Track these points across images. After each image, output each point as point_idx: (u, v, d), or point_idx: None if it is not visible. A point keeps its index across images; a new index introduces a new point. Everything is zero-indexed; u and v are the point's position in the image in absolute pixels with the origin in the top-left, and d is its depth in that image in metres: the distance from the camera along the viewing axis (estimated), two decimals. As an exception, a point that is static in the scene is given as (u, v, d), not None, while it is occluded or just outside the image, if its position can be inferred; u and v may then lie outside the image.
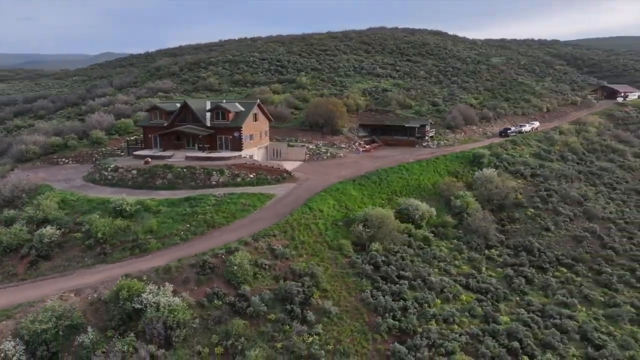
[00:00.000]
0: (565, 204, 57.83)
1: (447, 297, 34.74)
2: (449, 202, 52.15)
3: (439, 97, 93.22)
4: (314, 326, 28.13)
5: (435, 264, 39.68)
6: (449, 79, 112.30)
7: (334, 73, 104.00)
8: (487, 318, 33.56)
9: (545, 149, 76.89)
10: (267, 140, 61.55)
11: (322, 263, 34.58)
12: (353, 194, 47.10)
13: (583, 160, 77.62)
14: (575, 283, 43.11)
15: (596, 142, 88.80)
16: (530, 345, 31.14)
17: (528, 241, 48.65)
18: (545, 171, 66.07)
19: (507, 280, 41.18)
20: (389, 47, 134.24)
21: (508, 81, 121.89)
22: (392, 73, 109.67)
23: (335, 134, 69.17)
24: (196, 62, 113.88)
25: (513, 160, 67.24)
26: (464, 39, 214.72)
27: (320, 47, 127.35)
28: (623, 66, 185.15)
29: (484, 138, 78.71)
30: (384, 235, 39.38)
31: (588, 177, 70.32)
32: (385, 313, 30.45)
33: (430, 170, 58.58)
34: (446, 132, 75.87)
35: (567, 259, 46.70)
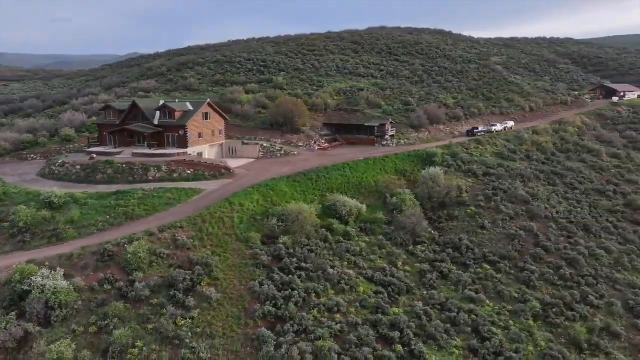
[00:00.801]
0: (511, 203, 58.27)
1: (343, 289, 36.29)
2: (387, 200, 53.43)
3: (415, 97, 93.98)
4: (191, 311, 30.19)
5: (347, 257, 41.17)
6: (433, 78, 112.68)
7: (314, 73, 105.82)
8: (378, 309, 34.97)
9: (512, 148, 76.96)
10: (222, 138, 63.94)
11: (224, 254, 36.63)
12: (284, 190, 48.96)
13: (550, 160, 77.35)
14: (494, 279, 43.96)
15: (571, 142, 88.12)
16: (408, 335, 32.45)
17: (458, 239, 49.57)
18: (500, 171, 66.44)
19: (420, 275, 42.38)
20: (378, 47, 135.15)
21: (496, 80, 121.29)
22: (375, 73, 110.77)
23: (296, 133, 71.06)
24: (184, 63, 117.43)
25: (469, 160, 67.78)
26: (468, 37, 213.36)
27: (309, 47, 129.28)
28: (630, 65, 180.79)
29: (449, 137, 79.27)
30: (298, 229, 41.14)
31: (549, 177, 70.25)
32: (267, 301, 32.28)
33: (377, 169, 59.87)
34: (409, 132, 76.79)
35: (494, 257, 47.45)
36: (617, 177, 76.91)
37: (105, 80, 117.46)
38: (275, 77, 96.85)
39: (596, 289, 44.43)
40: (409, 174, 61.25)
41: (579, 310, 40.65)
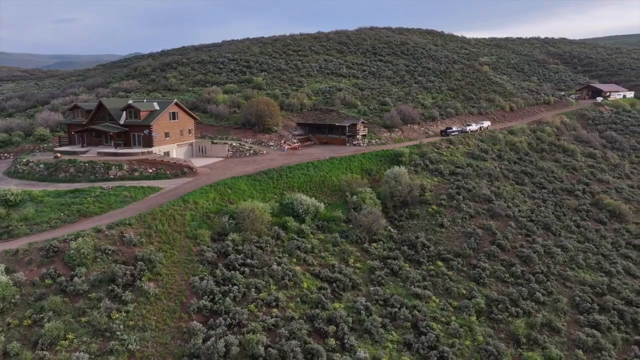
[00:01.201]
0: (474, 201, 59.15)
1: (286, 285, 37.20)
2: (347, 198, 54.32)
3: (393, 97, 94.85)
4: (127, 304, 31.13)
5: (296, 254, 42.06)
6: (415, 78, 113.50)
7: (296, 73, 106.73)
8: (318, 304, 35.89)
9: (484, 148, 77.78)
10: (191, 137, 64.92)
11: (170, 250, 37.58)
12: (242, 189, 49.89)
13: (522, 159, 78.20)
14: (444, 276, 44.84)
15: (547, 142, 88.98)
16: (343, 329, 33.36)
17: (415, 236, 50.45)
18: (468, 170, 67.27)
19: (370, 271, 43.28)
20: (364, 47, 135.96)
21: (479, 80, 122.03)
22: (357, 73, 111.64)
23: (267, 132, 72.01)
24: (168, 63, 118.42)
25: (438, 159, 68.62)
26: (460, 38, 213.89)
27: (294, 47, 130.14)
28: (619, 65, 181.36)
29: (423, 137, 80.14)
30: (248, 226, 42.08)
31: (518, 176, 71.13)
32: (204, 295, 33.24)
33: (342, 168, 60.76)
34: (382, 131, 77.67)
35: (449, 254, 48.35)
36: (588, 177, 77.84)
37: (90, 80, 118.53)
38: (255, 78, 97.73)
39: (545, 285, 45.32)
40: (374, 173, 62.15)
41: (523, 307, 41.56)
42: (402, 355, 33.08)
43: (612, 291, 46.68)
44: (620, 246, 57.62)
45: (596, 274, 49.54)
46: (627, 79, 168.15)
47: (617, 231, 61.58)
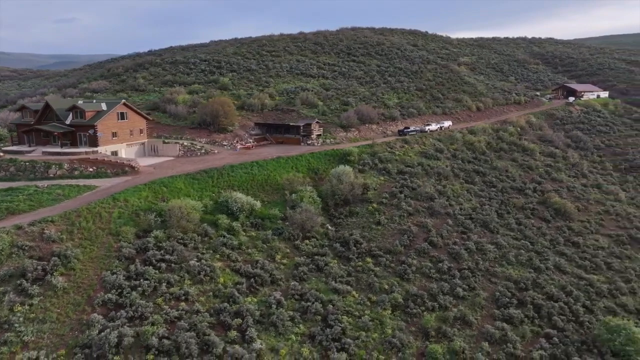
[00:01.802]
0: (416, 200, 60.49)
1: (201, 280, 38.47)
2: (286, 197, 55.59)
3: (357, 97, 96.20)
4: (33, 298, 32.38)
5: (221, 250, 43.31)
6: (385, 79, 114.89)
7: (265, 74, 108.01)
8: (230, 298, 37.15)
9: (439, 147, 79.12)
10: (143, 137, 66.15)
11: (90, 246, 38.82)
12: (179, 187, 51.16)
13: (477, 159, 79.58)
14: (369, 272, 46.12)
15: (508, 142, 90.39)
16: (248, 322, 34.61)
17: (349, 234, 51.74)
18: (417, 169, 68.58)
19: (294, 267, 44.54)
20: (339, 47, 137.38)
21: (451, 80, 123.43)
22: (327, 73, 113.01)
23: (222, 132, 73.26)
24: (141, 64, 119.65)
25: (389, 158, 69.93)
26: (444, 38, 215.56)
27: (269, 48, 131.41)
28: (599, 65, 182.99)
29: (380, 136, 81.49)
30: (174, 223, 43.35)
31: (469, 175, 72.48)
32: (112, 289, 34.50)
33: (288, 167, 62.05)
34: (338, 131, 78.99)
35: (379, 251, 49.60)
36: (542, 176, 79.28)
37: (62, 81, 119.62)
38: (221, 78, 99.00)
39: (468, 281, 46.60)
40: (320, 172, 63.45)
41: (441, 301, 42.84)
42: (303, 346, 34.32)
43: (536, 286, 47.98)
44: (559, 243, 58.98)
45: (525, 270, 50.84)
46: (605, 79, 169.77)
47: (559, 229, 62.99)
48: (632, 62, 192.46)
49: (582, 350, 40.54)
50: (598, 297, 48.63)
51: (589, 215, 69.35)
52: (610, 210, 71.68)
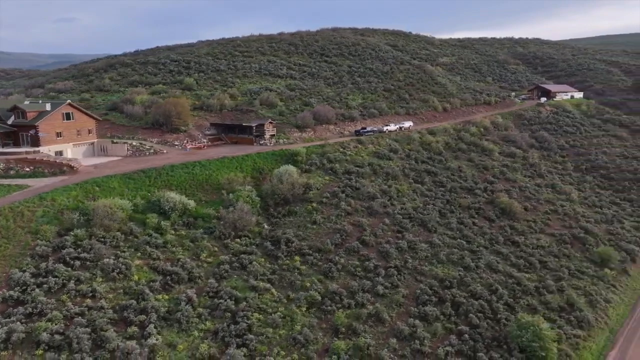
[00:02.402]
0: (358, 199, 61.37)
1: (114, 277, 39.27)
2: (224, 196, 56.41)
3: (321, 97, 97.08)
4: None
5: (143, 249, 44.10)
6: (354, 79, 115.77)
7: (232, 74, 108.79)
8: (139, 295, 37.94)
9: (394, 148, 80.00)
10: (92, 137, 66.92)
11: (6, 244, 39.58)
12: (112, 186, 51.96)
13: (432, 159, 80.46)
14: (294, 270, 46.97)
15: (468, 142, 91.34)
16: (151, 318, 35.42)
17: (282, 232, 52.57)
18: (366, 169, 69.39)
19: (216, 265, 45.33)
20: (312, 48, 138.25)
21: (421, 81, 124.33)
22: (296, 74, 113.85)
23: (175, 132, 74.07)
24: (112, 64, 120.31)
25: (339, 158, 70.75)
26: (428, 38, 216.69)
27: (242, 49, 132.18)
28: (578, 66, 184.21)
29: (336, 137, 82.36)
30: (97, 222, 44.15)
31: (419, 175, 73.38)
32: (16, 287, 35.27)
33: (232, 167, 62.86)
34: (293, 131, 79.84)
35: (309, 250, 50.43)
36: (497, 176, 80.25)
37: (31, 81, 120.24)
38: (185, 78, 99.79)
39: (392, 279, 47.43)
40: (265, 171, 64.27)
41: (358, 299, 43.68)
42: (203, 342, 35.13)
43: (461, 285, 48.87)
44: (498, 242, 59.95)
45: (454, 268, 51.70)
46: (583, 79, 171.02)
47: (501, 228, 63.96)
48: (611, 63, 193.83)
49: (492, 347, 41.46)
50: (523, 295, 49.55)
51: (537, 214, 70.33)
52: (558, 210, 72.73)
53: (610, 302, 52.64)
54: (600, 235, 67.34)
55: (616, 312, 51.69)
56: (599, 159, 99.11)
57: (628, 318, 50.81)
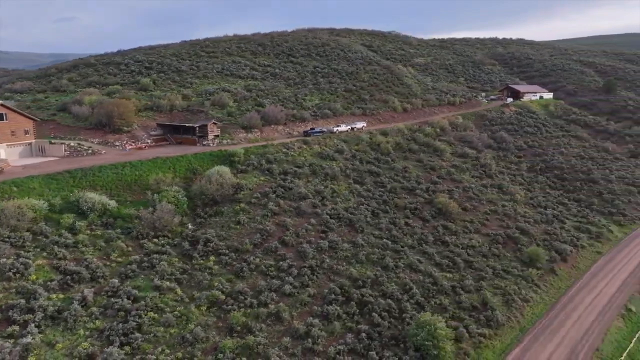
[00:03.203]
0: (289, 199, 61.97)
1: (9, 277, 39.71)
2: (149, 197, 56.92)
3: (276, 98, 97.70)
4: None
5: (50, 248, 44.57)
6: (317, 80, 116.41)
7: (192, 75, 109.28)
8: (32, 295, 38.39)
9: (340, 148, 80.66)
10: (29, 138, 67.37)
11: None
12: (32, 187, 52.43)
13: (378, 159, 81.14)
14: (206, 270, 47.55)
15: (421, 142, 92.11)
16: (37, 317, 35.92)
17: (202, 233, 53.14)
18: (305, 170, 69.99)
19: (124, 265, 45.83)
20: (280, 48, 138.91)
21: (386, 81, 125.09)
22: (258, 74, 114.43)
23: (117, 133, 74.56)
24: (76, 65, 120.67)
25: (279, 159, 71.36)
26: (402, 38, 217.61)
27: (210, 49, 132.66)
28: (553, 66, 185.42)
29: (284, 137, 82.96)
30: (3, 222, 44.62)
31: (361, 176, 74.04)
32: None
33: (165, 168, 63.38)
34: (239, 132, 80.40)
35: (227, 250, 51.00)
36: (443, 176, 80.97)
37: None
38: (141, 79, 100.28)
39: (302, 279, 47.98)
40: (200, 172, 64.79)
41: (262, 298, 44.24)
42: (85, 340, 35.65)
43: (375, 284, 49.48)
44: (427, 242, 60.61)
45: (373, 268, 52.31)
46: (556, 80, 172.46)
47: (434, 228, 64.67)
48: (587, 64, 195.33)
49: (389, 346, 42.06)
50: (437, 295, 50.17)
51: (475, 215, 71.07)
52: (499, 210, 73.53)
53: (528, 302, 53.29)
54: (536, 235, 68.14)
55: (532, 311, 52.34)
56: (555, 160, 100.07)
57: (543, 317, 51.48)
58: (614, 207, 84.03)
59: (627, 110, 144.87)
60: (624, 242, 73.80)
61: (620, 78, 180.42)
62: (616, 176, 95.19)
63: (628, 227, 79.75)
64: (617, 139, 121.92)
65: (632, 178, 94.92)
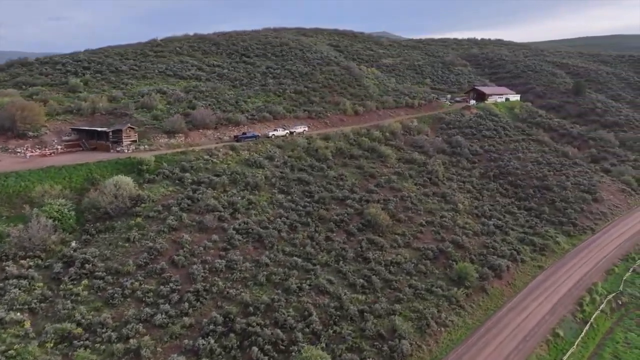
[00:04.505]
0: (195, 212, 56.69)
1: None
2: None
3: (214, 100, 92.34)
4: None
5: None
6: (266, 80, 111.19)
7: (131, 75, 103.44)
8: None
9: (272, 154, 75.55)
10: None
11: None
12: None
13: (313, 166, 76.11)
14: (72, 297, 42.29)
15: (365, 147, 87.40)
16: None
17: (82, 252, 47.64)
18: (222, 179, 64.57)
19: (-28, 294, 40.24)
20: (235, 48, 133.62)
21: (343, 82, 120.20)
22: (203, 75, 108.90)
23: (22, 138, 68.64)
24: (11, 64, 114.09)
25: (195, 167, 66.01)
26: (373, 38, 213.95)
27: (159, 49, 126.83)
28: (524, 68, 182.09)
29: (212, 142, 77.59)
30: None
31: (288, 185, 68.97)
32: None
33: (59, 178, 57.76)
34: (161, 137, 74.81)
35: (104, 272, 45.70)
36: (382, 184, 76.26)
37: None
38: (70, 79, 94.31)
39: (182, 307, 42.88)
40: (98, 182, 59.13)
41: (125, 331, 38.93)
42: None
43: (268, 310, 44.36)
44: (346, 259, 55.70)
45: (272, 291, 47.23)
46: (526, 81, 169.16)
47: (359, 242, 59.73)
48: (560, 65, 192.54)
49: (264, 386, 36.89)
50: (340, 321, 45.14)
51: (409, 227, 66.31)
52: (436, 221, 68.78)
53: (447, 326, 48.45)
54: (471, 249, 63.56)
55: (450, 337, 47.53)
56: (510, 165, 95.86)
57: (460, 345, 46.67)
58: (565, 217, 79.89)
59: (595, 113, 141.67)
60: (570, 255, 69.58)
61: (592, 80, 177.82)
62: (572, 182, 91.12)
63: (577, 237, 75.60)
64: (580, 142, 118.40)
65: (588, 185, 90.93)
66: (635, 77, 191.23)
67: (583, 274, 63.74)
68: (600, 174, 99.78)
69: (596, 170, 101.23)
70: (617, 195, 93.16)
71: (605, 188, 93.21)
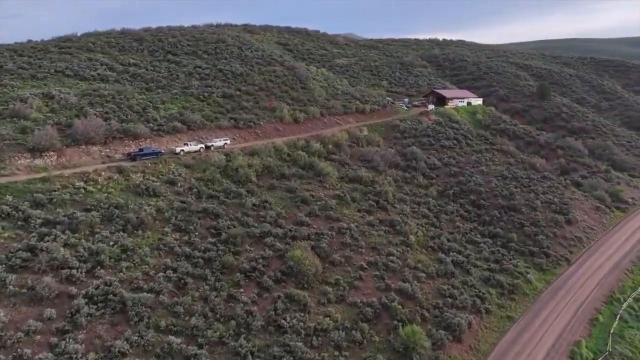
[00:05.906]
0: (33, 272, 39.86)
1: None
2: None
3: (116, 106, 75.24)
4: None
5: None
6: (189, 82, 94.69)
7: (17, 76, 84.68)
8: None
9: (174, 178, 59.80)
10: None
11: None
12: None
13: (226, 192, 60.45)
14: None
15: (302, 163, 72.58)
16: None
17: None
18: (91, 216, 47.91)
19: None
20: (160, 44, 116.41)
21: (284, 85, 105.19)
22: (112, 75, 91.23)
23: None
24: None
25: (55, 200, 49.12)
26: (329, 37, 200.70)
27: (65, 44, 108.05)
28: (487, 69, 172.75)
29: (97, 162, 60.73)
30: None
31: (188, 219, 53.13)
32: None
33: None
34: (23, 157, 57.16)
35: None
36: (316, 212, 61.84)
37: None
38: None
39: None
40: None
41: None
42: None
43: None
44: (250, 329, 40.63)
45: (120, 402, 31.25)
46: (489, 84, 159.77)
47: (273, 302, 44.73)
48: (523, 67, 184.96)
49: None
50: None
51: (346, 271, 51.84)
52: (380, 261, 54.61)
53: None
54: (424, 301, 49.75)
55: None
56: (472, 181, 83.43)
57: None
58: (536, 245, 67.85)
59: (560, 118, 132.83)
60: (544, 298, 57.18)
61: (556, 82, 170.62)
62: (542, 201, 79.47)
63: (551, 272, 63.55)
64: (548, 151, 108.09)
65: (559, 203, 79.48)
66: (598, 80, 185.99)
67: (562, 327, 51.13)
68: (572, 189, 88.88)
69: (567, 184, 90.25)
70: (591, 214, 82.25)
71: (578, 206, 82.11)
